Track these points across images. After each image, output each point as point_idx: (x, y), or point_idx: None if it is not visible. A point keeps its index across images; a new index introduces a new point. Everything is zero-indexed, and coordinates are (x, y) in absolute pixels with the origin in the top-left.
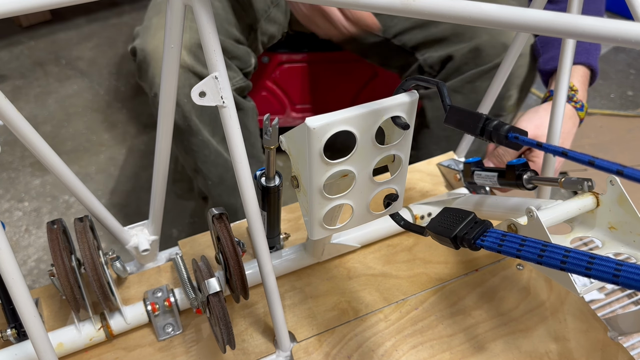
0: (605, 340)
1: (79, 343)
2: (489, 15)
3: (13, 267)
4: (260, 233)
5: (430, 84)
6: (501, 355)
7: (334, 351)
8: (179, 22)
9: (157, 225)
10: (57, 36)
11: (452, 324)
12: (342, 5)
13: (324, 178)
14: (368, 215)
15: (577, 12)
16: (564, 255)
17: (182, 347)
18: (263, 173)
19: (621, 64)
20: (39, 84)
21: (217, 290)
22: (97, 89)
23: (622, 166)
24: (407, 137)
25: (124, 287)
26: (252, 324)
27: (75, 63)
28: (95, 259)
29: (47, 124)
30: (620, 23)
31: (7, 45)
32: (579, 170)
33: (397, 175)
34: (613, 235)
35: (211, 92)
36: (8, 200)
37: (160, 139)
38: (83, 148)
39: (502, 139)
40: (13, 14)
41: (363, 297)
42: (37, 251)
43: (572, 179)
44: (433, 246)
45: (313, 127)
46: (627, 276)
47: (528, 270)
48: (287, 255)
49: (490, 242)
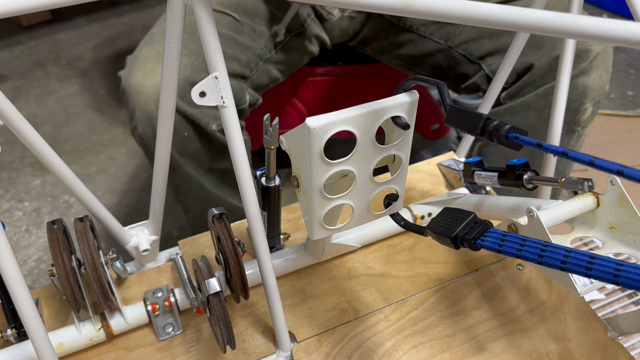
0: (606, 340)
1: (79, 343)
2: (489, 15)
3: (13, 267)
4: (260, 233)
5: (431, 84)
6: (501, 355)
7: (334, 351)
8: (179, 22)
9: (157, 225)
10: (57, 36)
11: (452, 324)
12: (342, 5)
13: (324, 178)
14: (368, 215)
15: (577, 12)
16: (565, 255)
17: (182, 347)
18: (263, 173)
19: (621, 64)
20: (39, 84)
21: (218, 290)
22: (97, 89)
23: (623, 166)
24: (407, 137)
25: (124, 287)
26: (252, 324)
27: (76, 63)
28: (95, 259)
29: (47, 124)
30: (620, 23)
31: (8, 45)
32: (580, 170)
33: (397, 175)
34: (613, 235)
35: (211, 92)
36: (8, 200)
37: (160, 139)
38: (83, 148)
39: (502, 139)
40: (13, 14)
41: (363, 297)
42: (38, 251)
43: (572, 179)
44: (433, 246)
45: (313, 127)
46: (627, 276)
47: (528, 270)
48: (287, 255)
49: (490, 242)
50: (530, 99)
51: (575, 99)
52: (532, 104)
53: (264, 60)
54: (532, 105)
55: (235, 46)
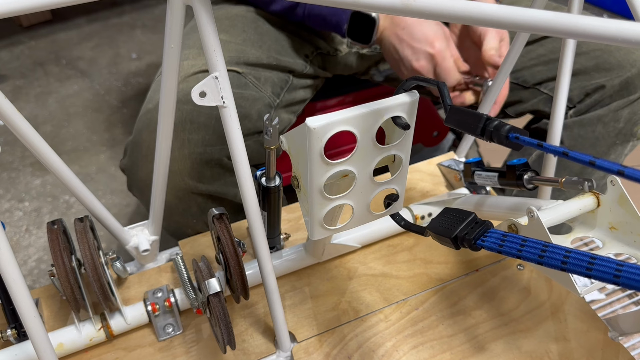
0: (606, 341)
1: (79, 343)
2: (489, 15)
3: (13, 267)
4: (260, 233)
5: (431, 84)
6: (501, 355)
7: (334, 351)
8: (179, 22)
9: (157, 225)
10: (57, 36)
11: (452, 324)
12: (342, 5)
13: (324, 178)
14: (368, 216)
15: (577, 12)
16: (565, 255)
17: (183, 347)
18: (263, 173)
19: None
20: (40, 83)
21: (218, 290)
22: (97, 89)
23: (623, 166)
24: (408, 137)
25: (124, 287)
26: (253, 324)
27: (76, 63)
28: (95, 259)
29: (48, 124)
30: (620, 23)
31: (8, 45)
32: None
33: (397, 176)
34: (613, 235)
35: (211, 92)
36: (8, 200)
37: (160, 139)
38: (83, 148)
39: (502, 139)
40: (13, 14)
41: (363, 298)
42: (38, 251)
43: (572, 179)
44: (433, 246)
45: (313, 127)
46: (627, 277)
47: (528, 270)
48: (287, 256)
49: (490, 242)
50: (602, 112)
51: (638, 113)
52: (603, 116)
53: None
54: (603, 118)
55: (244, 102)
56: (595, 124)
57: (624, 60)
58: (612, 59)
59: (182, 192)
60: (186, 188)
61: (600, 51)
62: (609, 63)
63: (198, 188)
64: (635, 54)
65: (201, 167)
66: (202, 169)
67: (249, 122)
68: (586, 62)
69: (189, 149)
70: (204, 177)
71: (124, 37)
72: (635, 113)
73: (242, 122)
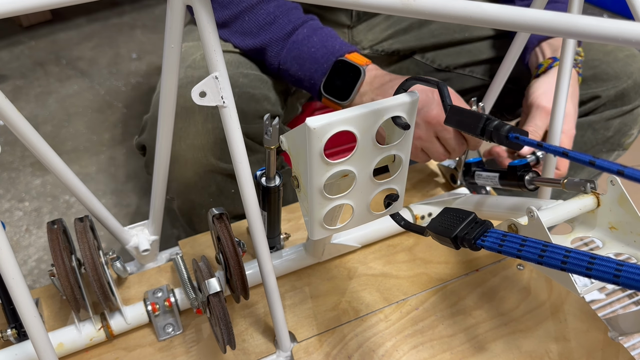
0: (606, 341)
1: (79, 343)
2: (489, 15)
3: (13, 267)
4: (260, 233)
5: (431, 84)
6: (501, 355)
7: (334, 351)
8: (179, 22)
9: (158, 225)
10: (57, 36)
11: (452, 324)
12: (342, 5)
13: (324, 178)
14: (368, 215)
15: (577, 12)
16: (565, 255)
17: (183, 347)
18: (263, 173)
19: None
20: (40, 83)
21: (218, 290)
22: (97, 89)
23: (623, 166)
24: (408, 137)
25: (124, 287)
26: (253, 324)
27: (76, 63)
28: (95, 259)
29: (48, 124)
30: (620, 23)
31: (8, 45)
32: None
33: (397, 175)
34: (614, 235)
35: (211, 92)
36: (8, 200)
37: (161, 139)
38: (83, 148)
39: (502, 139)
40: (13, 14)
41: (363, 297)
42: (38, 251)
43: (574, 180)
44: (433, 246)
45: (313, 127)
46: (627, 276)
47: (528, 270)
48: (287, 255)
49: (490, 242)
50: (595, 118)
51: (628, 124)
52: (594, 123)
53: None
54: (594, 124)
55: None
56: (586, 129)
57: (621, 72)
58: (609, 70)
59: (202, 169)
60: (207, 164)
61: (598, 61)
62: (607, 74)
63: (219, 166)
64: (632, 65)
65: (223, 144)
66: (224, 145)
67: (268, 103)
68: (584, 71)
69: (212, 123)
70: (225, 154)
71: (124, 37)
72: (626, 124)
73: (262, 103)
